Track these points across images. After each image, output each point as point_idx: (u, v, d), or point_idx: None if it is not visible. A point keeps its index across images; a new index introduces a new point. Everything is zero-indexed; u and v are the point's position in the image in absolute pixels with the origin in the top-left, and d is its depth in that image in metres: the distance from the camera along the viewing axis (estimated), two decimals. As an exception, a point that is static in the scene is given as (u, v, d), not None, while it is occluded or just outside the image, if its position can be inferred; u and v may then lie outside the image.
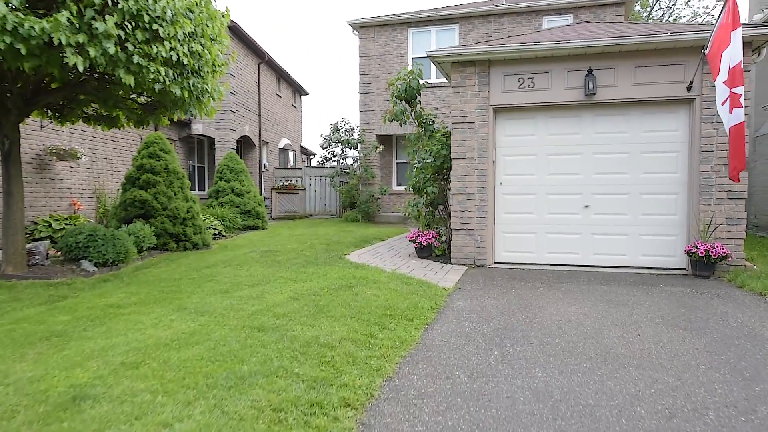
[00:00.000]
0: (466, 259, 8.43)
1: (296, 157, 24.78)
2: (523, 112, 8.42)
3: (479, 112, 8.37)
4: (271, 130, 20.92)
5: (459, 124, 8.45)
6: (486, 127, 8.35)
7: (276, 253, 8.71)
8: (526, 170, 8.45)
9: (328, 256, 8.59)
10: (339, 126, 16.32)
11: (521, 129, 8.46)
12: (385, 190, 15.93)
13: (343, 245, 9.96)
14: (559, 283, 6.91)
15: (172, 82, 6.03)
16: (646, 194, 7.99)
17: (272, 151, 21.15)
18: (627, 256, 8.07)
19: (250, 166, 18.86)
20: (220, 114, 16.19)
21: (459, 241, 8.46)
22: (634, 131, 8.01)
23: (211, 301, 5.31)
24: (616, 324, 5.00)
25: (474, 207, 8.41)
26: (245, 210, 13.54)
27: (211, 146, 18.02)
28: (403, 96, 9.07)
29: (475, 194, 8.42)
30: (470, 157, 8.42)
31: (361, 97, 16.62)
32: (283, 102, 22.70)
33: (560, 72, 8.07)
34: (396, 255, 9.10)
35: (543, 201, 8.38)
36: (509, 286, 6.78)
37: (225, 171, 13.76)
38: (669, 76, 7.66)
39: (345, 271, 6.97)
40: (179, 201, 9.57)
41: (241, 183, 13.75)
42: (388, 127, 16.36)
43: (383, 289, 5.95)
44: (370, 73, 16.49)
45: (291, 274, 6.78)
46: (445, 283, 6.81)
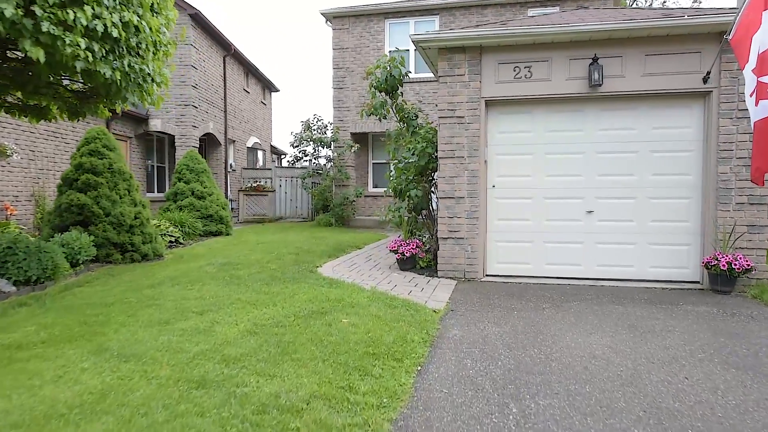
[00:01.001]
0: (454, 271, 7.43)
1: (266, 156, 23.50)
2: (518, 105, 7.46)
3: (470, 105, 7.38)
4: (238, 127, 19.63)
5: (447, 118, 7.45)
6: (477, 123, 7.37)
7: (237, 266, 7.55)
8: (522, 171, 7.50)
9: (298, 269, 7.47)
10: (311, 123, 15.19)
11: (516, 125, 7.50)
12: (360, 193, 14.87)
13: (314, 255, 8.86)
14: (566, 302, 5.96)
15: (100, 61, 4.84)
16: (655, 199, 7.12)
17: (240, 150, 19.86)
18: (634, 267, 7.19)
19: (215, 166, 17.56)
20: (181, 109, 14.89)
21: (447, 251, 7.46)
22: (643, 128, 7.14)
23: (144, 338, 4.16)
24: (653, 361, 4.04)
25: (464, 213, 7.42)
26: (207, 214, 12.29)
27: (172, 144, 16.65)
28: (383, 87, 8.02)
29: (465, 198, 7.43)
30: (459, 156, 7.43)
31: (335, 92, 15.52)
32: (251, 98, 21.41)
33: (561, 60, 7.15)
34: (375, 267, 8.04)
35: (541, 206, 7.44)
36: (509, 306, 5.79)
37: (184, 171, 12.48)
38: (683, 65, 6.80)
39: (317, 291, 5.88)
40: (125, 205, 8.32)
41: (203, 184, 12.49)
42: (363, 125, 15.30)
43: (363, 316, 4.88)
44: (345, 67, 15.41)
45: (251, 295, 5.65)
46: (435, 303, 5.79)
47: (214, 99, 17.03)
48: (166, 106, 14.86)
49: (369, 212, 16.43)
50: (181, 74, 14.81)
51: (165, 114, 14.89)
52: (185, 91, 14.84)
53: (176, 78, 14.81)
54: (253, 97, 21.76)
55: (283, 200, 19.60)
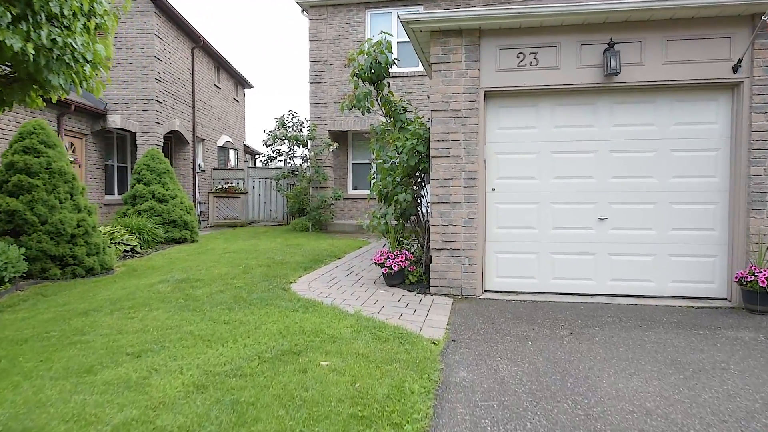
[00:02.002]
0: (449, 287, 6.47)
1: (238, 156, 22.27)
2: (522, 97, 6.54)
3: (467, 96, 6.43)
4: (208, 125, 18.39)
5: (441, 112, 6.49)
6: (476, 117, 6.43)
7: (196, 284, 6.45)
8: (526, 173, 6.58)
9: (269, 286, 6.41)
10: (285, 120, 14.08)
11: (519, 119, 6.58)
12: (339, 195, 13.83)
13: (289, 267, 7.80)
14: (586, 328, 5.04)
15: (6, 29, 3.73)
16: (677, 204, 6.27)
17: (210, 149, 18.62)
18: (653, 282, 6.32)
19: (182, 166, 16.31)
20: (143, 104, 13.64)
21: (441, 264, 6.49)
22: (663, 124, 6.28)
23: (51, 399, 3.07)
24: (725, 419, 3.12)
25: (460, 220, 6.46)
26: (169, 219, 11.10)
27: (135, 143, 15.36)
28: (368, 75, 7.01)
29: (461, 203, 6.47)
30: (455, 156, 6.47)
31: (312, 87, 14.46)
32: (222, 94, 20.17)
33: (572, 45, 6.25)
34: (358, 282, 7.03)
35: (547, 212, 6.53)
36: (520, 333, 4.84)
37: (144, 172, 11.27)
38: (710, 52, 5.97)
39: (290, 318, 4.83)
40: (66, 212, 7.14)
41: (165, 186, 11.30)
42: (343, 122, 14.27)
43: (347, 355, 3.87)
44: (322, 60, 14.35)
45: (207, 325, 4.58)
46: (432, 331, 4.81)
47: (181, 94, 15.79)
48: (126, 100, 13.60)
49: (349, 216, 15.40)
50: (143, 66, 13.56)
51: (125, 109, 13.62)
52: (148, 84, 13.60)
53: (138, 70, 13.57)
54: (225, 94, 20.53)
55: (257, 203, 18.45)
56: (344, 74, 14.18)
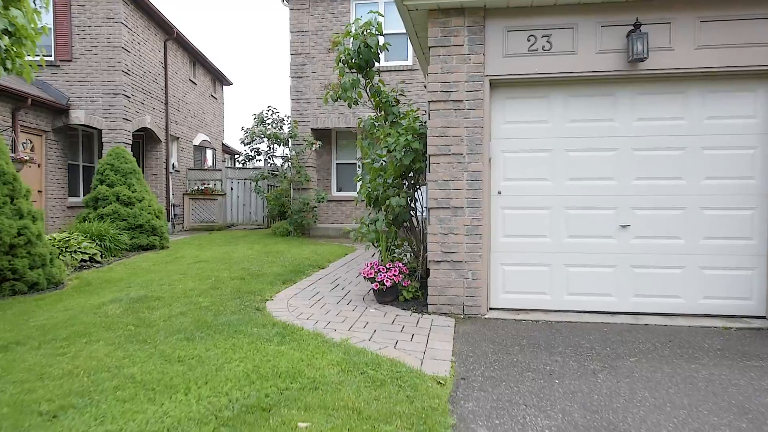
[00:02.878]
0: (450, 305, 5.61)
1: (216, 156, 21.20)
2: (532, 87, 5.72)
3: (470, 85, 5.59)
4: (183, 123, 17.33)
5: (440, 103, 5.63)
6: (480, 109, 5.58)
7: (154, 303, 5.49)
8: (536, 173, 5.75)
9: (240, 305, 5.49)
10: (264, 116, 13.11)
11: (529, 113, 5.75)
12: (323, 197, 12.91)
13: (265, 280, 6.88)
14: (619, 358, 4.21)
15: None
16: (709, 209, 5.50)
17: (185, 148, 17.55)
18: (682, 298, 5.54)
19: (154, 166, 15.24)
20: (109, 99, 12.56)
21: (440, 278, 5.63)
22: (693, 118, 5.50)
23: None
24: None
25: (462, 228, 5.61)
26: (136, 224, 10.09)
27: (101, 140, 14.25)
28: (355, 61, 6.13)
29: (464, 209, 5.62)
30: (457, 154, 5.61)
31: (293, 82, 13.52)
32: (199, 91, 19.10)
33: (590, 27, 5.44)
34: (344, 299, 6.13)
35: (561, 219, 5.71)
36: (542, 367, 4.00)
37: (108, 172, 10.23)
38: (749, 34, 5.20)
39: (261, 352, 3.92)
40: (5, 218, 6.13)
41: (131, 188, 10.27)
42: (326, 119, 13.35)
43: (333, 410, 2.98)
44: (304, 53, 13.42)
45: (155, 365, 3.64)
46: (436, 366, 3.95)
47: (153, 89, 14.73)
48: (91, 95, 12.52)
49: (333, 219, 14.50)
50: (109, 57, 12.48)
51: (90, 104, 12.53)
52: (114, 77, 12.53)
53: (103, 62, 12.49)
54: (202, 90, 19.46)
55: (235, 205, 17.45)
56: (328, 68, 13.28)
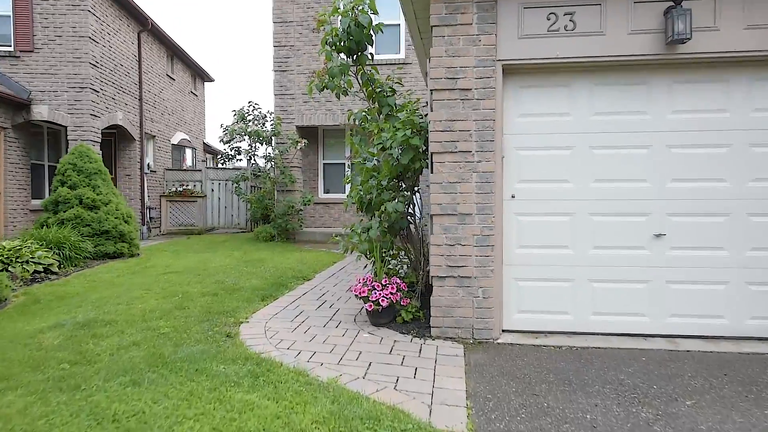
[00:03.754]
0: (457, 328, 4.79)
1: (196, 156, 20.19)
2: (552, 74, 4.91)
3: (480, 71, 4.77)
4: (160, 120, 16.32)
5: (444, 92, 4.80)
6: (492, 99, 4.77)
7: (103, 329, 4.58)
8: (556, 174, 4.95)
9: (207, 331, 4.61)
10: (245, 112, 12.19)
11: (548, 104, 4.95)
12: (309, 200, 12.03)
13: (241, 296, 6.00)
14: (672, 401, 3.41)
15: None
16: (757, 215, 4.74)
17: (162, 147, 16.55)
18: (725, 319, 4.77)
19: (127, 166, 14.23)
20: (74, 93, 11.55)
21: (445, 297, 4.81)
22: (739, 110, 4.74)
23: None
24: None
25: (471, 237, 4.79)
26: (101, 230, 9.13)
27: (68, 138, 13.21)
28: (345, 43, 5.27)
29: (472, 215, 4.80)
30: (464, 151, 4.79)
31: (277, 76, 12.62)
32: (177, 87, 18.10)
33: (621, 3, 4.65)
34: (333, 319, 5.27)
35: (584, 226, 4.91)
36: (581, 415, 3.18)
37: (69, 172, 9.26)
38: (807, 13, 4.46)
39: (224, 403, 3.04)
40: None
41: (96, 190, 9.31)
42: (313, 116, 12.47)
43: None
44: (288, 45, 12.53)
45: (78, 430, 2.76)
46: (448, 416, 3.12)
47: (125, 84, 13.73)
48: (55, 88, 11.50)
49: (320, 223, 13.62)
50: (75, 48, 11.47)
51: (54, 98, 11.51)
52: (81, 70, 11.52)
53: (68, 53, 11.48)
54: (180, 86, 18.45)
55: (216, 207, 16.50)
56: (314, 61, 12.40)
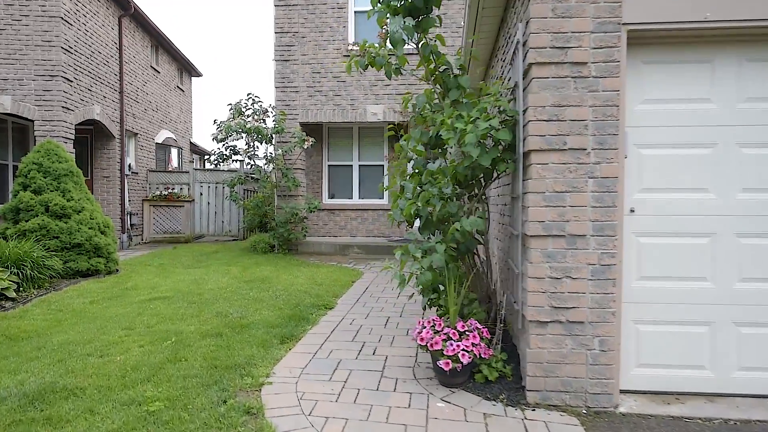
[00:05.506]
0: (564, 392, 3.47)
1: (182, 156, 18.64)
2: (688, 46, 3.62)
3: (599, 39, 3.46)
4: (143, 116, 14.78)
5: (548, 67, 3.49)
6: (616, 77, 3.47)
7: (62, 407, 3.15)
8: (690, 181, 3.65)
9: (218, 406, 3.21)
10: (243, 106, 10.75)
11: (680, 87, 3.65)
12: (316, 206, 10.62)
13: (254, 336, 4.60)
14: None
15: None
16: None
17: (145, 146, 15.00)
18: None
19: (106, 167, 12.68)
20: (43, 82, 10.00)
21: (547, 349, 3.49)
22: None
23: None
24: None
25: (585, 268, 3.48)
26: (72, 243, 7.64)
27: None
28: (407, 1, 3.90)
29: (587, 237, 3.48)
30: (576, 149, 3.48)
31: (278, 66, 11.20)
32: (162, 81, 16.56)
33: (798, -55, 3.38)
34: (385, 376, 3.89)
35: (729, 252, 3.62)
36: None
37: (34, 174, 7.74)
38: None
39: None
40: None
41: (66, 195, 7.82)
42: (319, 111, 11.08)
43: None
44: (292, 32, 11.13)
45: None
46: None
47: (104, 74, 12.19)
48: (20, 75, 9.94)
49: (324, 231, 12.22)
50: (44, 30, 9.92)
51: (19, 87, 9.95)
52: (51, 55, 9.97)
53: (36, 35, 9.93)
54: (166, 80, 16.91)
55: (205, 213, 15.02)
56: (321, 50, 11.02)
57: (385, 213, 12.24)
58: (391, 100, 10.95)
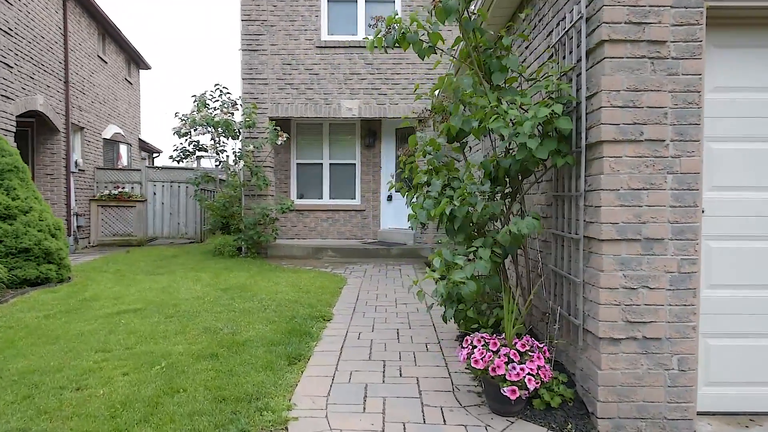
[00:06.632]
0: (639, 419, 3.05)
1: (131, 153, 17.32)
2: (765, 27, 3.28)
3: (680, 15, 3.05)
4: (89, 109, 13.53)
5: (622, 45, 3.04)
6: (698, 59, 3.07)
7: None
8: (767, 179, 3.31)
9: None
10: (209, 98, 9.87)
11: (760, 74, 3.30)
12: (289, 206, 9.89)
13: (255, 358, 3.93)
14: None
15: None
16: None
17: (92, 142, 13.73)
18: None
19: (49, 163, 11.43)
20: (-22, 65, 8.77)
21: (621, 370, 3.04)
22: None
23: None
24: None
25: (663, 276, 3.05)
26: (19, 247, 6.63)
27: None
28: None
29: (665, 241, 3.06)
30: (654, 140, 3.05)
31: (246, 57, 10.39)
32: (110, 72, 15.27)
33: None
34: (427, 405, 3.31)
35: (809, 257, 3.30)
36: None
37: (-30, 169, 6.67)
38: None
39: None
40: None
41: (10, 194, 6.78)
42: (290, 106, 10.36)
43: None
44: (260, 20, 10.35)
45: None
46: None
47: (47, 61, 10.97)
48: (-50, 57, 8.66)
49: (292, 233, 11.49)
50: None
51: (-52, 71, 8.68)
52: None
53: (-31, 11, 8.70)
54: (114, 71, 15.62)
55: (159, 214, 13.93)
56: (291, 41, 10.31)
57: (357, 214, 11.65)
58: (367, 95, 10.37)
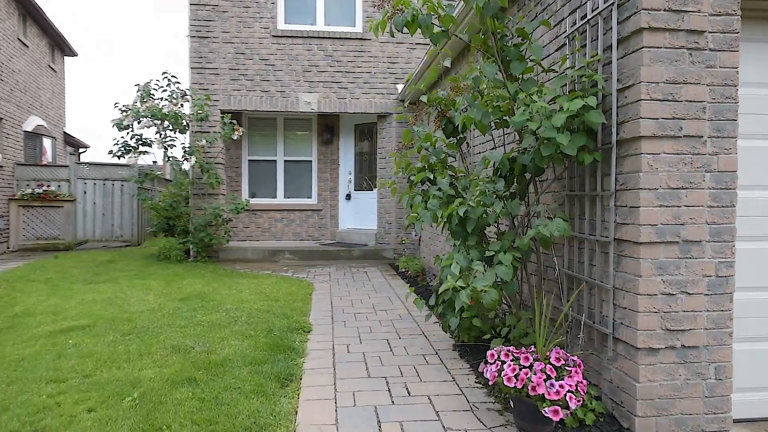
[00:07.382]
0: None
1: (56, 148, 15.86)
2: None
3: (719, 4, 2.88)
4: (9, 98, 12.18)
5: (661, 34, 2.83)
6: (735, 51, 2.91)
7: None
8: (791, 178, 3.23)
9: None
10: (154, 87, 9.03)
11: (784, 68, 3.21)
12: (244, 206, 9.24)
13: (239, 380, 3.45)
14: None
15: None
16: None
17: (11, 135, 12.37)
18: None
19: (-39, 157, 10.12)
20: None
21: (659, 381, 2.85)
22: None
23: None
24: None
25: (702, 281, 2.88)
26: (-69, 256, 5.66)
27: None
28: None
29: (702, 243, 2.88)
30: (692, 136, 2.87)
31: (194, 44, 9.63)
32: (32, 57, 13.87)
33: None
34: (449, 429, 2.98)
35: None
36: None
37: None
38: None
39: None
40: None
41: None
42: (244, 98, 9.72)
43: None
44: (211, 5, 9.62)
45: None
46: None
47: (-40, 40, 9.71)
48: None
49: (243, 235, 10.83)
50: None
51: None
52: None
53: None
54: (36, 57, 14.20)
55: (90, 215, 12.77)
56: (245, 28, 9.67)
57: (314, 214, 11.15)
58: (327, 88, 9.90)
